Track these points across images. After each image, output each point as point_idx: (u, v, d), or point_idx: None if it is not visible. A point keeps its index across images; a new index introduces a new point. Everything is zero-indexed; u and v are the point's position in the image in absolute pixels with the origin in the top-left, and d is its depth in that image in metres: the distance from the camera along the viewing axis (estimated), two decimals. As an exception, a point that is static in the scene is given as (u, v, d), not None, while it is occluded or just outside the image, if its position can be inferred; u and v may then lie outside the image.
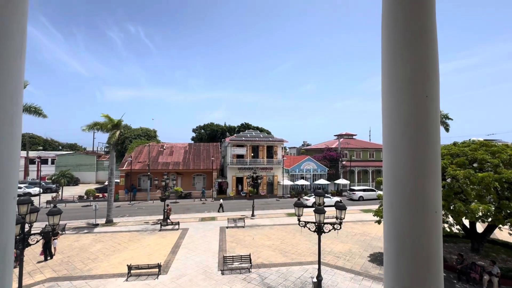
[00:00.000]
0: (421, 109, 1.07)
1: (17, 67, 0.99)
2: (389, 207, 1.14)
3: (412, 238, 1.06)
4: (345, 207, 9.61)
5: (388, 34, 1.15)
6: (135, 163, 34.26)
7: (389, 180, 1.13)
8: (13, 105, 0.98)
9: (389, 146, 1.13)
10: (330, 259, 14.11)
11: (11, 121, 0.98)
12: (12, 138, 0.98)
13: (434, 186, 1.07)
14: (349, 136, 51.11)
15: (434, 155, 1.07)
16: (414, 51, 1.09)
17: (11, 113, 0.98)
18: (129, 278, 11.82)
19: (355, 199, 32.51)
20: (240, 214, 23.99)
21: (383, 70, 1.17)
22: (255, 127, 57.84)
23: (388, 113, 1.15)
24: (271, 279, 11.85)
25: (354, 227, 20.54)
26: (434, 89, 1.08)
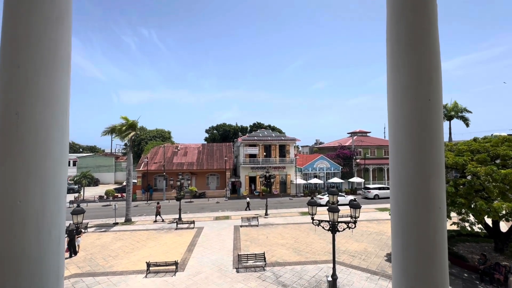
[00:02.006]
0: (424, 112, 1.14)
1: (65, 82, 1.15)
2: (395, 204, 1.21)
3: (417, 233, 1.13)
4: (359, 206, 9.52)
5: (392, 41, 1.22)
6: (151, 163, 35.26)
7: (395, 179, 1.21)
8: (63, 116, 1.14)
9: (395, 146, 1.21)
10: (345, 258, 13.98)
11: (62, 130, 1.14)
12: (62, 144, 1.14)
13: (438, 184, 1.13)
14: (363, 133, 50.06)
15: (437, 155, 1.13)
16: (416, 57, 1.15)
17: (63, 123, 1.14)
18: (148, 274, 12.26)
19: (371, 198, 31.91)
20: (254, 213, 24.17)
21: (388, 75, 1.24)
22: (267, 126, 57.91)
23: (393, 116, 1.22)
24: (286, 278, 11.92)
25: (370, 226, 20.19)
26: (437, 93, 1.15)
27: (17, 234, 1.04)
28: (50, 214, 1.11)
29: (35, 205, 1.07)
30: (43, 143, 1.09)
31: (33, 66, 1.08)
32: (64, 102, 1.17)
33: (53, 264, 1.11)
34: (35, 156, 1.07)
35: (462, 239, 16.16)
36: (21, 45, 1.06)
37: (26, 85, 1.07)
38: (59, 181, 1.14)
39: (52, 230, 1.12)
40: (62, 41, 1.14)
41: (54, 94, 1.12)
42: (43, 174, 1.10)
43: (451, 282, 11.43)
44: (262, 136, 38.21)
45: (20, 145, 1.05)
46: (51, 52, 1.10)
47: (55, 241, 1.13)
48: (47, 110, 1.10)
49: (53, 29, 1.10)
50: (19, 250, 1.03)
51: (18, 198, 1.04)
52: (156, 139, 48.12)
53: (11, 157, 1.05)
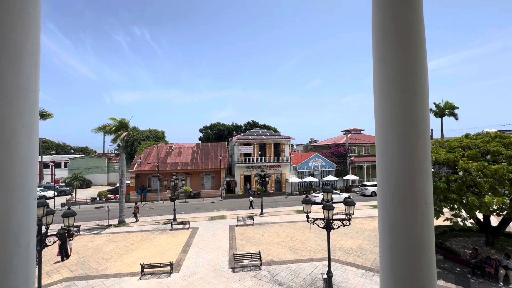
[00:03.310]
0: (409, 105, 1.11)
1: (33, 79, 1.08)
2: (382, 200, 1.18)
3: (404, 229, 1.10)
4: (354, 203, 9.56)
5: (377, 34, 1.18)
6: (145, 164, 34.88)
7: (382, 174, 1.17)
8: (31, 114, 1.07)
9: (381, 141, 1.17)
10: (340, 255, 14.07)
11: (30, 129, 1.07)
12: (30, 143, 1.07)
13: (424, 178, 1.10)
14: (357, 131, 50.48)
15: (424, 149, 1.10)
16: (402, 49, 1.12)
17: (30, 123, 1.07)
18: (142, 276, 12.11)
19: (368, 195, 32.29)
20: (249, 212, 24.14)
21: (374, 68, 1.20)
22: (262, 125, 57.89)
23: (379, 109, 1.19)
24: (282, 276, 11.92)
25: (364, 223, 20.37)
26: (423, 86, 1.11)
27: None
28: (17, 217, 1.05)
29: (1, 209, 1.01)
30: (8, 141, 1.03)
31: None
32: (31, 100, 1.10)
33: (21, 269, 1.05)
34: (1, 155, 1.01)
35: (455, 234, 16.43)
36: None
37: None
38: (26, 182, 1.08)
39: (20, 234, 1.06)
40: (29, 34, 1.07)
41: (20, 88, 1.05)
42: (8, 174, 1.04)
43: (444, 276, 11.60)
44: (257, 135, 38.17)
45: None
46: (17, 47, 1.04)
47: (23, 246, 1.07)
48: (12, 106, 1.04)
49: (18, 19, 1.04)
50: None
51: None
52: (150, 139, 47.62)
53: None
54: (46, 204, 9.30)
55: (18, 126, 1.04)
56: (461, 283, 11.16)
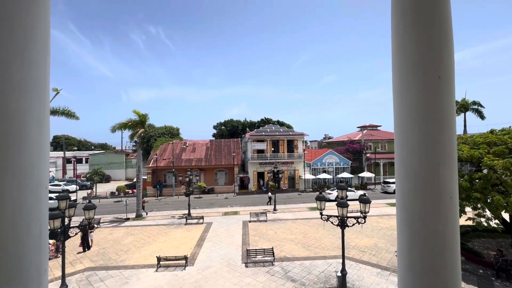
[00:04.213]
0: (433, 91, 1.01)
1: (42, 71, 1.10)
2: (401, 195, 1.10)
3: (425, 225, 1.02)
4: (369, 201, 9.31)
5: (396, 12, 1.07)
6: (160, 160, 35.75)
7: (401, 168, 1.09)
8: (40, 106, 1.09)
9: (400, 131, 1.09)
10: (355, 254, 13.81)
11: (40, 120, 1.09)
12: (41, 135, 1.10)
13: (449, 171, 1.01)
14: (373, 127, 49.09)
15: (448, 139, 1.01)
16: (424, 28, 1.01)
17: (40, 114, 1.10)
18: (158, 269, 12.48)
19: (390, 192, 31.45)
20: (262, 209, 24.19)
21: (393, 51, 1.10)
22: (275, 121, 57.56)
23: (398, 96, 1.10)
24: (295, 273, 11.88)
25: (380, 221, 19.87)
26: (448, 69, 1.01)
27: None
28: (29, 208, 1.07)
29: (12, 198, 1.03)
30: (18, 133, 1.05)
31: (5, 49, 1.02)
32: (41, 92, 1.12)
33: (34, 259, 1.08)
34: (10, 147, 1.03)
35: (478, 234, 15.66)
36: None
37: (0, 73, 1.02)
38: (37, 173, 1.10)
39: (32, 224, 1.08)
40: (38, 25, 1.08)
41: (30, 79, 1.07)
42: (19, 166, 1.05)
43: (466, 278, 11.11)
44: (270, 131, 38.01)
45: None
46: (26, 35, 1.05)
47: (35, 235, 1.10)
48: (21, 96, 1.05)
49: (28, 11, 1.04)
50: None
51: None
52: (165, 136, 48.69)
53: None
54: (68, 198, 9.75)
55: (28, 117, 1.06)
56: (484, 286, 10.64)
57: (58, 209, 9.43)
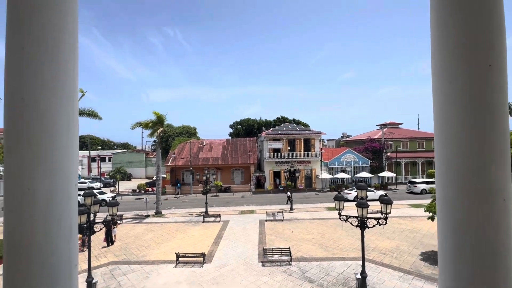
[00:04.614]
0: (482, 81, 0.90)
1: (71, 71, 1.12)
2: (443, 197, 1.00)
3: (473, 231, 0.92)
4: (391, 201, 8.95)
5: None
6: (178, 159, 36.62)
7: (443, 167, 0.99)
8: (70, 104, 1.11)
9: (443, 128, 0.98)
10: (375, 256, 13.37)
11: (69, 119, 1.11)
12: (70, 133, 1.12)
13: (501, 171, 0.90)
14: (394, 125, 47.28)
15: (500, 135, 0.90)
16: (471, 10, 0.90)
17: (69, 112, 1.12)
18: (177, 265, 12.78)
19: (417, 192, 30.26)
20: (279, 208, 24.07)
21: (433, 36, 1.00)
22: (291, 120, 57.06)
23: (440, 89, 0.99)
24: (312, 273, 11.71)
25: (402, 222, 19.09)
26: (500, 57, 0.89)
27: (26, 222, 1.02)
28: (60, 202, 1.09)
29: (43, 193, 1.05)
30: (50, 129, 1.07)
31: (37, 49, 1.04)
32: (70, 89, 1.13)
33: (64, 254, 1.10)
34: (42, 142, 1.05)
35: None
36: (25, 27, 1.04)
37: (31, 70, 1.04)
38: (67, 169, 1.12)
39: (62, 218, 1.10)
40: (67, 26, 1.10)
41: (59, 79, 1.09)
42: (51, 160, 1.07)
43: None
44: (286, 130, 37.73)
45: (26, 131, 1.04)
46: (56, 36, 1.07)
47: (66, 229, 1.11)
48: (52, 96, 1.07)
49: (57, 12, 1.07)
50: (29, 238, 1.02)
51: (27, 186, 1.03)
52: (183, 135, 49.80)
53: (18, 143, 1.04)
54: (94, 194, 10.22)
55: (58, 115, 1.08)
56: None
57: (84, 205, 9.91)
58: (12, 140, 1.05)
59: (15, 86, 1.05)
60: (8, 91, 1.06)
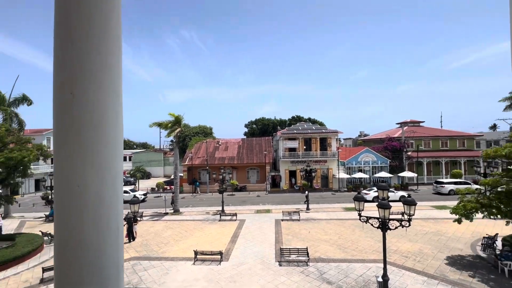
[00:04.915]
0: None
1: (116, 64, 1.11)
2: None
3: None
4: (414, 202, 8.59)
5: None
6: (195, 158, 37.28)
7: None
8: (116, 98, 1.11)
9: None
10: (397, 259, 12.91)
11: (116, 112, 1.11)
12: (117, 126, 1.12)
13: None
14: (415, 123, 45.36)
15: None
16: None
17: (116, 106, 1.11)
18: (195, 262, 13.02)
19: (445, 193, 28.95)
20: (295, 208, 23.86)
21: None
22: (307, 119, 56.40)
23: None
24: (331, 275, 11.50)
25: (425, 225, 18.30)
26: None
27: (76, 220, 1.01)
28: (109, 200, 1.08)
29: (93, 191, 1.03)
30: (98, 125, 1.05)
31: (86, 43, 1.03)
32: (116, 83, 1.12)
33: (113, 253, 1.08)
34: (91, 139, 1.04)
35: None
36: (74, 21, 1.02)
37: (80, 63, 1.02)
38: (115, 166, 1.11)
39: (110, 217, 1.08)
40: (112, 17, 1.09)
41: (106, 72, 1.07)
42: (99, 157, 1.06)
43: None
44: (302, 129, 37.30)
45: (76, 127, 1.02)
46: (102, 30, 1.06)
47: (114, 228, 1.10)
48: (100, 90, 1.06)
49: (103, 3, 1.06)
50: (79, 237, 1.01)
51: (76, 183, 1.01)
52: (199, 135, 50.66)
53: (68, 139, 1.02)
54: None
55: (107, 109, 1.07)
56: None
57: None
58: (62, 136, 1.04)
59: (64, 81, 1.03)
60: (57, 85, 1.05)
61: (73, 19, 1.02)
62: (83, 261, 1.01)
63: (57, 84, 1.05)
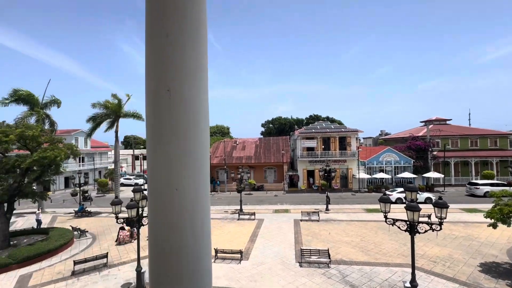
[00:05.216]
0: None
1: (204, 49, 1.05)
2: None
3: None
4: (446, 205, 8.13)
5: None
6: (213, 157, 37.80)
7: None
8: (206, 96, 1.05)
9: None
10: (424, 264, 12.31)
11: (207, 113, 1.06)
12: (207, 128, 1.06)
13: None
14: (441, 121, 43.11)
15: None
16: None
17: (206, 106, 1.06)
18: (216, 260, 13.18)
19: (479, 195, 27.34)
20: (314, 208, 23.50)
21: None
22: (325, 118, 55.43)
23: None
24: (353, 278, 11.19)
25: (454, 228, 17.32)
26: None
27: (175, 225, 0.95)
28: (203, 203, 1.01)
29: (190, 193, 0.97)
30: (194, 123, 0.98)
31: (180, 35, 0.96)
32: (204, 77, 1.04)
33: (207, 258, 1.02)
34: (188, 138, 0.97)
35: None
36: (169, 11, 0.95)
37: (175, 57, 0.96)
38: (206, 166, 1.04)
39: (204, 220, 1.02)
40: (202, 7, 1.03)
41: (199, 67, 1.00)
42: (195, 158, 0.99)
43: None
44: (320, 128, 36.67)
45: (173, 126, 0.96)
46: (195, 19, 0.99)
47: (207, 232, 1.03)
48: (194, 86, 0.99)
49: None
50: (177, 242, 0.95)
51: (175, 185, 0.95)
52: (216, 135, 51.34)
53: (165, 139, 0.96)
54: (142, 190, 10.98)
55: (200, 106, 1.02)
56: None
57: (134, 200, 10.69)
58: (157, 136, 0.97)
59: (160, 76, 0.96)
60: (152, 81, 0.98)
61: (170, 7, 0.96)
62: (180, 266, 0.96)
63: (151, 78, 0.99)
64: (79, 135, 40.97)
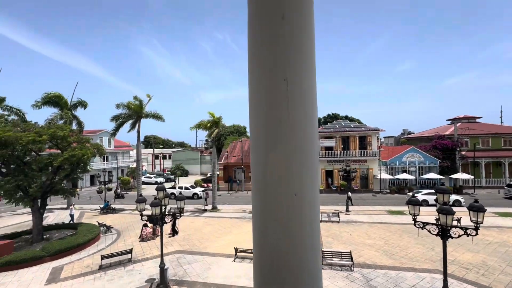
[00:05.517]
0: None
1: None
2: None
3: None
4: (483, 209, 7.59)
5: None
6: (231, 157, 38.10)
7: None
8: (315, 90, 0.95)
9: None
10: (455, 270, 11.61)
11: (316, 115, 0.95)
12: (317, 132, 0.96)
13: None
14: (470, 119, 40.62)
15: None
16: None
17: (316, 108, 0.95)
18: (236, 259, 13.22)
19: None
20: (333, 209, 22.97)
21: None
22: (343, 116, 54.14)
23: None
24: (378, 282, 10.76)
25: (487, 233, 16.21)
26: None
27: (295, 233, 0.86)
28: (317, 206, 0.93)
29: (309, 198, 0.87)
30: (311, 119, 0.87)
31: (296, 15, 0.84)
32: (313, 67, 0.91)
33: (318, 262, 0.93)
34: (307, 137, 0.86)
35: None
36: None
37: (291, 41, 0.84)
38: (319, 168, 0.97)
39: (316, 224, 0.92)
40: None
41: (312, 53, 0.89)
42: (313, 159, 0.88)
43: None
44: (339, 127, 35.80)
45: (290, 122, 0.84)
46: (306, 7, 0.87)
47: (316, 237, 0.94)
48: (310, 74, 0.87)
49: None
50: (296, 250, 0.87)
51: (294, 190, 0.85)
52: (233, 134, 51.66)
53: (283, 138, 0.85)
54: (164, 189, 11.23)
55: (314, 99, 0.92)
56: None
57: (157, 199, 10.95)
58: (273, 134, 0.86)
59: (275, 62, 0.84)
60: (264, 69, 0.87)
61: None
62: (300, 277, 0.87)
63: (265, 65, 0.87)
64: (104, 135, 42.86)
